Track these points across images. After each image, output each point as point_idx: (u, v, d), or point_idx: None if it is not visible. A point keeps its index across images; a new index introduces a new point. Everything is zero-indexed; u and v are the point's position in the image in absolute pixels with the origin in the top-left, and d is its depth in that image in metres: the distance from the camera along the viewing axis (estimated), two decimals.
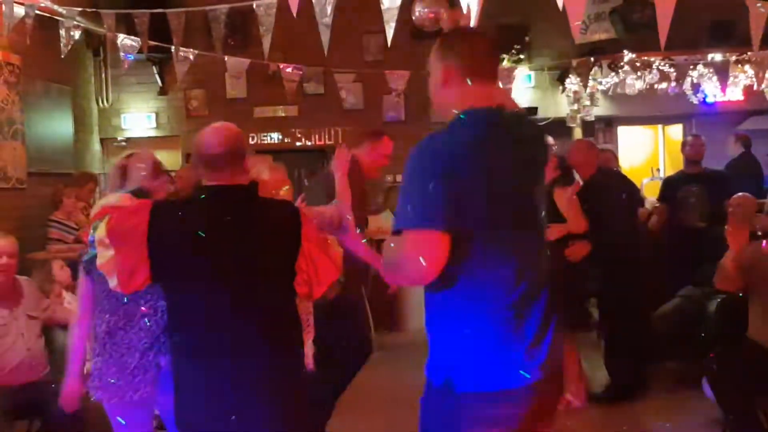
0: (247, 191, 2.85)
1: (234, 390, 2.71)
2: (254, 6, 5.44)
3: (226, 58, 7.43)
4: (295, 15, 4.17)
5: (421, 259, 2.08)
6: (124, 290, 2.79)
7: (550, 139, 2.27)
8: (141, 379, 3.24)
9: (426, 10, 8.90)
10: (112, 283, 2.77)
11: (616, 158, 8.36)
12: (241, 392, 2.72)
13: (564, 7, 4.40)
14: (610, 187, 5.94)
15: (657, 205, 7.13)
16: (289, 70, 7.61)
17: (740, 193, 5.90)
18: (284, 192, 3.81)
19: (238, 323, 2.73)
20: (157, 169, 3.62)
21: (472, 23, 4.54)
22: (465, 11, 4.61)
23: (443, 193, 2.09)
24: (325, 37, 4.94)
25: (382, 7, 4.66)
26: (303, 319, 3.32)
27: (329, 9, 4.90)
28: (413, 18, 8.85)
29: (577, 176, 5.82)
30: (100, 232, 2.77)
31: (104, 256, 2.76)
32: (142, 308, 3.27)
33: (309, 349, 4.21)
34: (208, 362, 2.73)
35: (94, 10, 7.21)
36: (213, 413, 2.73)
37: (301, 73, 7.70)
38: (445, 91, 2.37)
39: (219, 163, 2.79)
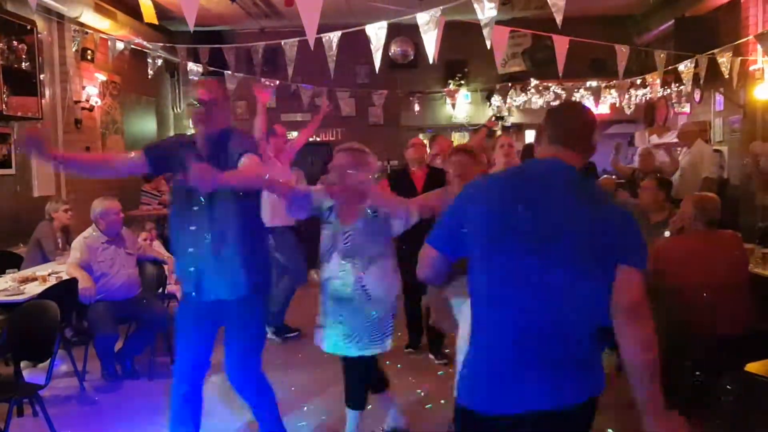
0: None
1: None
2: (282, 43, 5.37)
3: (262, 79, 7.33)
4: (312, 48, 4.10)
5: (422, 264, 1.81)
6: None
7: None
8: None
9: (398, 48, 8.83)
10: None
11: None
12: None
13: (491, 47, 4.39)
14: None
15: None
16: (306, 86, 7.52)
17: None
18: None
19: None
20: None
21: (431, 59, 4.41)
22: (429, 52, 4.43)
23: (447, 222, 1.78)
24: (330, 65, 4.88)
25: (371, 46, 4.61)
26: None
27: (334, 46, 4.84)
28: (390, 54, 8.77)
29: None
30: None
31: None
32: None
33: None
34: None
35: (171, 45, 7.14)
36: None
37: (312, 89, 7.61)
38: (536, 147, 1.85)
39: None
